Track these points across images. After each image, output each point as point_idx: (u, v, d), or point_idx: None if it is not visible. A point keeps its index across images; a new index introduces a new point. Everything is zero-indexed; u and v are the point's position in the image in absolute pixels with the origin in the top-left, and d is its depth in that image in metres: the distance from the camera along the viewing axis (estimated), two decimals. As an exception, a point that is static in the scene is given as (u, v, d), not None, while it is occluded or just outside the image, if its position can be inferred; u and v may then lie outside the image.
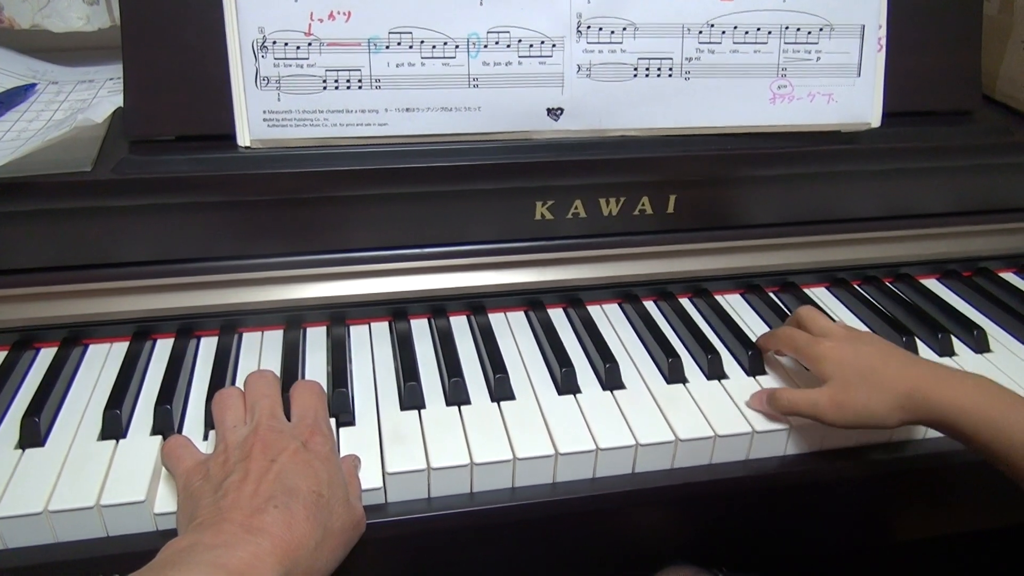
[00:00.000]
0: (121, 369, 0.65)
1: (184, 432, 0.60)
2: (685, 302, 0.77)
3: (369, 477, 0.56)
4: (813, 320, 0.65)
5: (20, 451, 0.57)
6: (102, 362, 0.67)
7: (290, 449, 0.51)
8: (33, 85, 0.78)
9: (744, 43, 0.69)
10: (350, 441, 0.59)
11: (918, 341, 0.72)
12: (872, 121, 0.73)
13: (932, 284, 0.82)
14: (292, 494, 0.48)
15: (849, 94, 0.71)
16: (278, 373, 0.64)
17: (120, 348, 0.68)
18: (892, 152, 0.75)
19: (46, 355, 0.67)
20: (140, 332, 0.69)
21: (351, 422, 0.61)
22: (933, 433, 0.65)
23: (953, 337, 0.73)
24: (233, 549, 0.44)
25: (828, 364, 0.59)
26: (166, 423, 0.60)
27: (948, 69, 0.77)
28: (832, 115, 0.72)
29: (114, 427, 0.59)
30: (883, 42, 0.71)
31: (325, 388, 0.64)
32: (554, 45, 0.66)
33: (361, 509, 0.53)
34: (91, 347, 0.68)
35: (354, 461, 0.56)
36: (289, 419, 0.56)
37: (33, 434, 0.58)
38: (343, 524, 0.50)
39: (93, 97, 0.75)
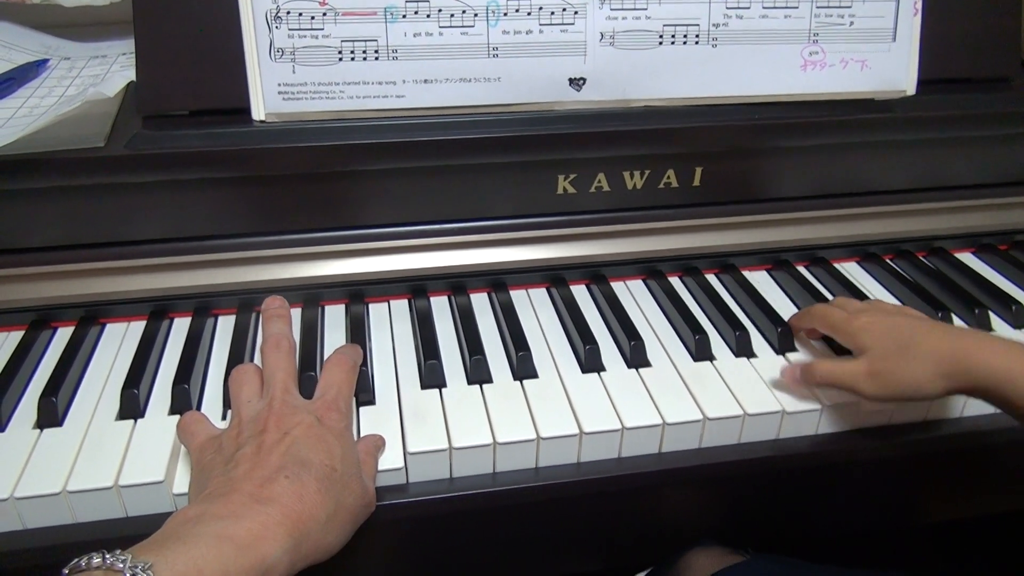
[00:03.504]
0: (138, 348, 0.64)
1: (202, 411, 0.59)
2: (711, 278, 0.75)
3: (390, 457, 0.55)
4: (848, 302, 0.64)
5: (38, 431, 0.56)
6: (119, 341, 0.66)
7: (304, 423, 0.50)
8: (45, 61, 0.77)
9: (774, 8, 0.66)
10: (370, 420, 0.58)
11: (954, 316, 0.70)
12: (907, 89, 0.70)
13: (967, 258, 0.80)
14: (304, 465, 0.47)
15: (883, 60, 0.69)
16: (296, 353, 0.64)
17: (137, 327, 0.67)
18: (927, 121, 0.72)
19: (63, 334, 0.66)
20: (157, 311, 0.68)
21: (371, 401, 0.60)
22: (968, 412, 0.63)
23: (990, 312, 0.70)
24: (241, 520, 0.43)
25: (865, 336, 0.57)
26: (184, 402, 0.59)
27: (986, 34, 0.74)
28: (866, 82, 0.69)
29: (132, 407, 0.58)
30: (919, 5, 0.69)
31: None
32: (576, 12, 0.64)
33: (373, 490, 0.52)
34: (108, 326, 0.68)
35: (375, 441, 0.55)
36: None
37: (51, 414, 0.57)
38: (355, 500, 0.49)
39: (106, 72, 0.74)
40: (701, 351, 0.65)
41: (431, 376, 0.61)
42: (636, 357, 0.64)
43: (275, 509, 0.44)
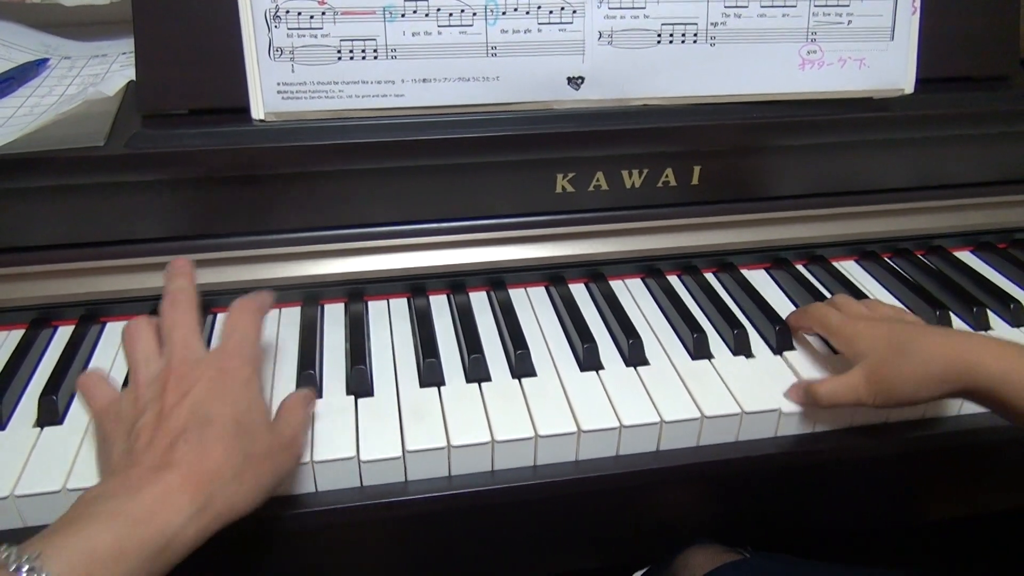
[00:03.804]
0: (138, 347, 0.64)
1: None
2: (710, 276, 0.75)
3: (388, 451, 0.55)
4: (846, 304, 0.63)
5: (38, 429, 0.57)
6: (120, 340, 0.66)
7: (205, 377, 0.48)
8: (45, 60, 0.77)
9: (772, 6, 0.66)
10: (370, 418, 0.58)
11: (952, 315, 0.70)
12: (906, 87, 0.70)
13: (966, 256, 0.80)
14: (205, 424, 0.46)
15: (882, 59, 0.69)
16: (295, 352, 0.64)
17: (137, 326, 0.67)
18: (926, 119, 0.72)
19: (64, 333, 0.66)
20: (158, 310, 0.68)
21: (369, 394, 0.60)
22: (966, 409, 0.63)
23: (988, 311, 0.70)
24: (138, 493, 0.42)
25: (862, 342, 0.57)
26: (184, 401, 0.59)
27: (985, 32, 0.74)
28: (864, 81, 0.69)
29: (132, 405, 0.58)
30: (918, 4, 0.69)
31: (344, 364, 0.63)
32: (574, 11, 0.64)
33: (295, 435, 0.51)
34: (108, 324, 0.68)
35: (304, 394, 0.54)
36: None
37: (51, 412, 0.57)
38: (268, 448, 0.48)
39: (106, 71, 0.74)
40: (699, 349, 0.65)
41: (430, 374, 0.61)
42: (634, 355, 0.64)
43: (174, 475, 0.43)
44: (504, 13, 0.63)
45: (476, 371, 0.62)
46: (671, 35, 0.66)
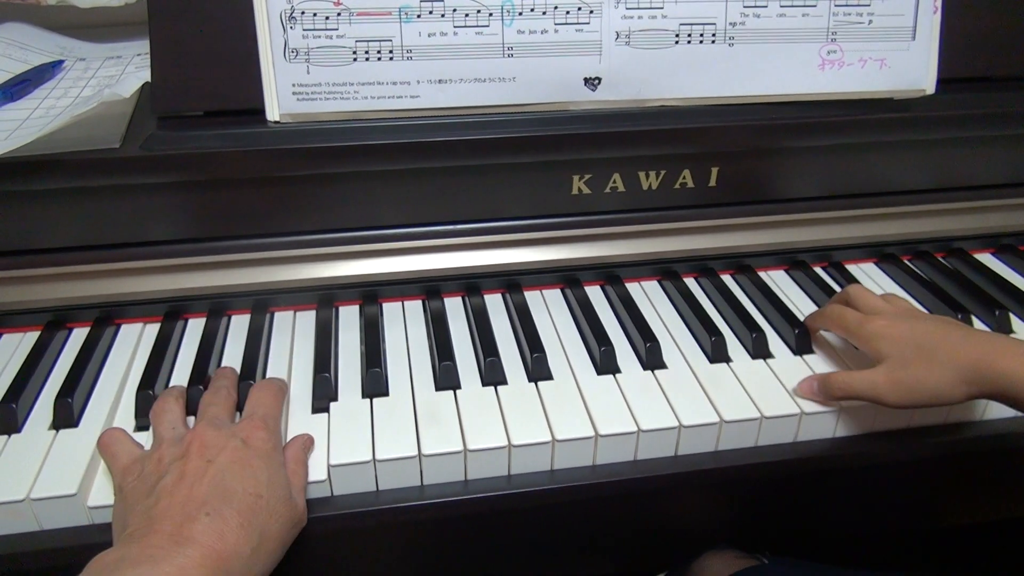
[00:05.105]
0: (153, 349, 0.64)
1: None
2: (727, 279, 0.74)
3: (405, 454, 0.55)
4: (863, 298, 0.62)
5: (54, 432, 0.57)
6: (135, 342, 0.66)
7: (229, 447, 0.49)
8: (60, 62, 0.77)
9: (792, 6, 0.65)
10: (386, 421, 0.57)
11: (974, 319, 0.69)
12: (927, 88, 0.69)
13: (987, 259, 0.79)
14: (227, 499, 0.46)
15: (903, 59, 0.68)
16: (311, 355, 0.64)
17: (152, 328, 0.67)
18: (947, 120, 0.71)
19: (79, 335, 0.66)
20: (172, 312, 0.68)
21: (384, 394, 0.60)
22: (990, 414, 0.63)
23: (1011, 314, 0.69)
24: (158, 564, 0.42)
25: (883, 342, 0.56)
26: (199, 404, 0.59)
27: (1007, 32, 0.73)
28: (885, 82, 0.68)
29: (147, 408, 0.58)
30: (939, 3, 0.68)
31: (359, 367, 0.63)
32: (591, 11, 0.64)
33: (303, 504, 0.51)
34: (123, 327, 0.68)
35: (303, 443, 0.54)
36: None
37: (67, 415, 0.57)
38: (282, 524, 0.48)
39: (121, 73, 0.74)
40: (717, 353, 0.64)
41: (445, 378, 0.61)
42: (651, 359, 0.63)
43: (194, 550, 0.43)
44: (520, 13, 0.63)
45: (492, 374, 0.61)
46: (689, 35, 0.65)
